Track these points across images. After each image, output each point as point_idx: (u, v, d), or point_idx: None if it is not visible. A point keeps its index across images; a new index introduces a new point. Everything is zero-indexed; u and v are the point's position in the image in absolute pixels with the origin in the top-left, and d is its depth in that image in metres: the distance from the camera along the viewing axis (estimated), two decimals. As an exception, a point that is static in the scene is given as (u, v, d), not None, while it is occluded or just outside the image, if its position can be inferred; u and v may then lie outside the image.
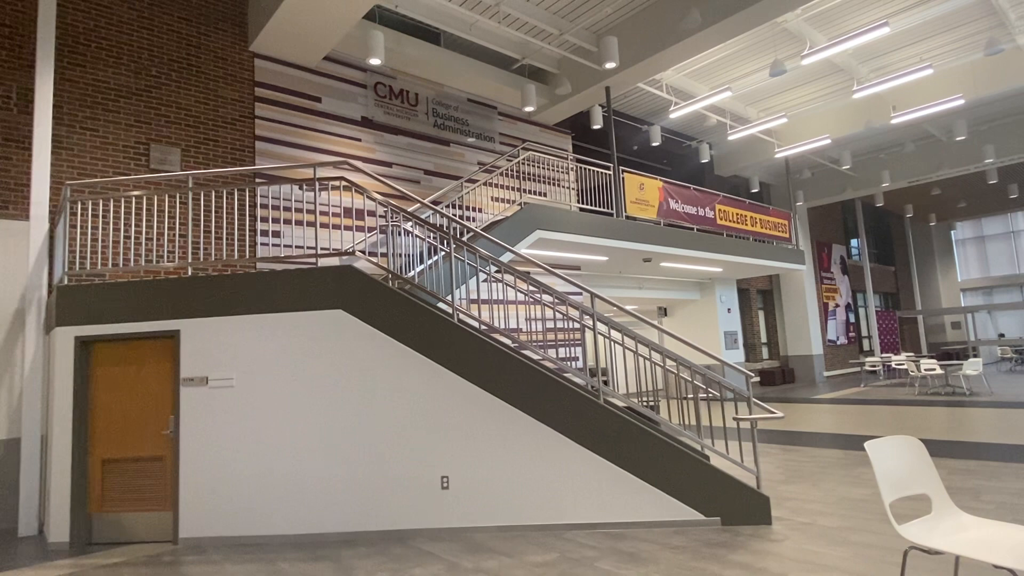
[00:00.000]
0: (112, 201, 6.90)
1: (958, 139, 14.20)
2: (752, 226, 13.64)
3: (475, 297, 9.09)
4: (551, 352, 10.70)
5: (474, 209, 10.44)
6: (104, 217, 6.79)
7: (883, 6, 10.33)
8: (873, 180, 17.48)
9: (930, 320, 27.20)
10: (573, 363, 11.05)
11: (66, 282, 5.55)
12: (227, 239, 7.65)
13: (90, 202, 6.70)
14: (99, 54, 7.01)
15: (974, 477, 5.78)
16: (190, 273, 5.48)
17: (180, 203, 7.35)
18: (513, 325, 10.16)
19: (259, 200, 7.97)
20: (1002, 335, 25.93)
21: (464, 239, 5.63)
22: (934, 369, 13.04)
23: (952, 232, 27.96)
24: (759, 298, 18.75)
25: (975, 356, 22.70)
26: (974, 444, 7.37)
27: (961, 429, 8.48)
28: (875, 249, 24.53)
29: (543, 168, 11.74)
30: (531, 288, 5.47)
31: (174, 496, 5.06)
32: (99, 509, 5.16)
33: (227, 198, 7.71)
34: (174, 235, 7.25)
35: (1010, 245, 26.57)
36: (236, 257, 7.63)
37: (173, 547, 4.93)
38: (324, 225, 8.51)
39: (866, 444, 2.74)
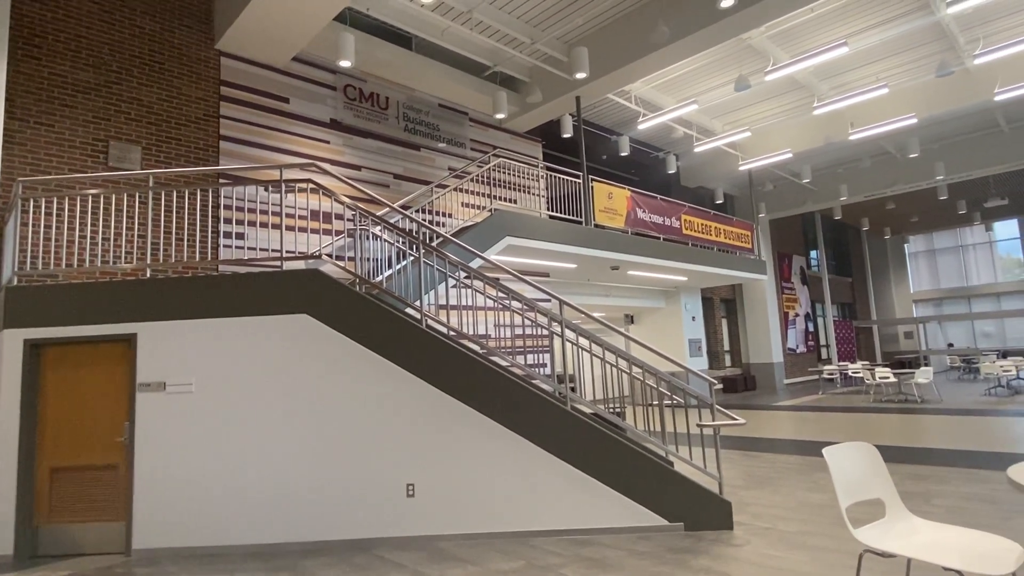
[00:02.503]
0: (67, 199, 6.65)
1: (911, 156, 14.80)
2: (716, 236, 13.94)
3: (444, 303, 9.04)
4: (519, 358, 10.71)
5: (444, 214, 10.41)
6: (58, 216, 6.54)
7: (843, 26, 10.72)
8: (832, 194, 18.06)
9: (884, 330, 28.18)
10: (541, 369, 11.08)
11: (15, 282, 5.32)
12: (188, 240, 7.45)
13: (43, 200, 6.45)
14: (56, 47, 6.77)
15: (925, 482, 5.99)
16: (148, 275, 5.32)
17: (140, 203, 7.13)
18: (482, 331, 10.14)
19: (223, 201, 7.79)
20: (951, 345, 27.02)
21: (433, 244, 5.60)
22: (888, 377, 13.50)
23: (905, 245, 29.05)
24: (722, 307, 19.13)
25: (926, 365, 23.60)
26: (925, 450, 7.65)
27: (913, 435, 8.80)
28: (833, 261, 25.32)
29: (513, 175, 11.78)
30: (500, 294, 5.47)
31: (127, 506, 4.88)
32: (46, 520, 4.94)
33: (189, 198, 7.52)
34: (132, 235, 7.03)
35: (959, 259, 27.75)
36: (197, 259, 7.43)
37: (125, 559, 4.75)
38: (290, 228, 8.36)
39: (824, 450, 2.82)
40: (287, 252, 8.20)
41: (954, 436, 8.57)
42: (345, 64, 8.04)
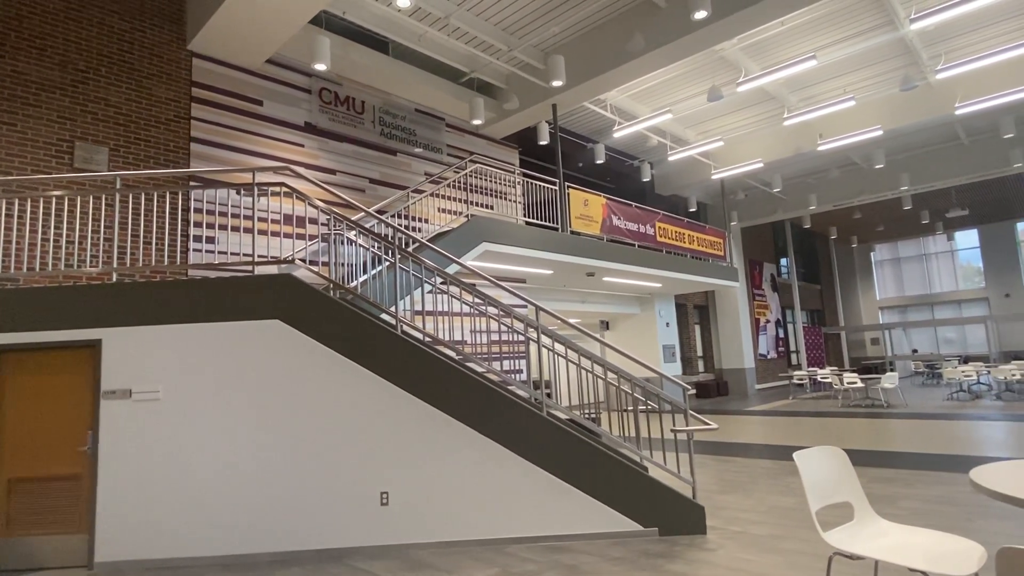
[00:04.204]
0: (30, 201, 6.45)
1: (877, 167, 15.22)
2: (690, 244, 14.13)
3: (420, 308, 8.99)
4: (495, 365, 10.68)
5: (420, 220, 10.36)
6: (20, 218, 6.34)
7: (812, 40, 11.00)
8: (801, 203, 18.47)
9: (852, 336, 28.85)
10: (517, 376, 11.07)
11: (-27, 286, 5.13)
12: (157, 244, 7.28)
13: (4, 201, 6.24)
14: (20, 44, 6.58)
15: (891, 485, 6.13)
16: (115, 279, 5.18)
17: (106, 205, 6.95)
18: (458, 337, 10.10)
19: (193, 204, 7.64)
20: (915, 350, 27.77)
21: (409, 249, 5.57)
22: (855, 382, 13.82)
23: (871, 254, 29.83)
24: (695, 313, 19.38)
25: (892, 370, 24.20)
26: (891, 453, 7.83)
27: (880, 439, 9.01)
28: (802, 268, 25.86)
29: (490, 181, 11.79)
30: (476, 300, 5.46)
31: (90, 517, 4.73)
32: (4, 534, 4.75)
33: (158, 201, 7.35)
34: (98, 239, 6.84)
35: (922, 267, 28.59)
36: (166, 263, 7.27)
37: (88, 572, 4.60)
38: (262, 232, 8.23)
39: (794, 455, 2.87)
40: (259, 256, 8.09)
41: (919, 440, 8.80)
42: (320, 67, 7.96)
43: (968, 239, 27.12)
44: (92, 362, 4.95)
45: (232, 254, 7.83)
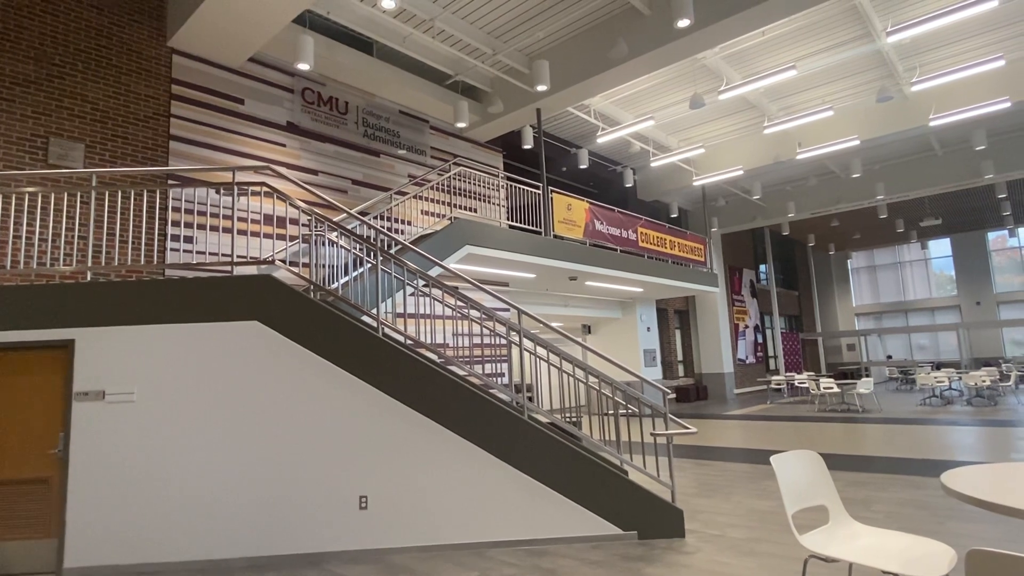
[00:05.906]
0: (1, 197, 6.29)
1: (854, 176, 15.50)
2: (671, 249, 14.26)
3: (402, 311, 8.94)
4: (477, 368, 10.66)
5: (403, 222, 10.32)
6: (-10, 214, 6.18)
7: (792, 50, 11.19)
8: (780, 210, 18.75)
9: (828, 342, 29.31)
10: (499, 379, 11.06)
11: (-60, 284, 4.99)
12: (133, 243, 7.15)
13: (-26, 197, 6.09)
14: (-7, 37, 6.43)
15: (865, 488, 6.24)
16: (89, 278, 5.08)
17: (81, 203, 6.81)
18: (440, 340, 10.07)
19: (171, 203, 7.52)
20: (890, 356, 28.30)
21: (392, 252, 5.54)
22: (832, 388, 14.04)
23: (848, 261, 30.38)
24: (676, 318, 19.55)
25: (867, 376, 24.62)
26: (866, 457, 7.97)
27: (854, 443, 9.16)
28: (781, 275, 26.23)
29: (474, 184, 11.79)
30: (459, 303, 5.45)
31: (60, 522, 4.61)
32: (-32, 538, 4.62)
33: (135, 199, 7.23)
34: (73, 237, 6.70)
35: (897, 274, 29.17)
36: (143, 263, 7.14)
37: (56, 578, 4.49)
38: (242, 232, 8.13)
39: (772, 458, 2.90)
40: (238, 257, 7.99)
41: (892, 444, 8.96)
42: (304, 67, 7.90)
43: (941, 248, 27.74)
44: (65, 362, 4.84)
45: (211, 254, 7.72)
